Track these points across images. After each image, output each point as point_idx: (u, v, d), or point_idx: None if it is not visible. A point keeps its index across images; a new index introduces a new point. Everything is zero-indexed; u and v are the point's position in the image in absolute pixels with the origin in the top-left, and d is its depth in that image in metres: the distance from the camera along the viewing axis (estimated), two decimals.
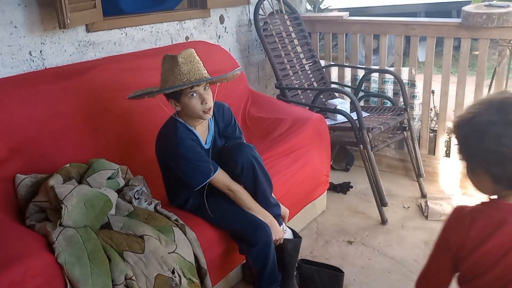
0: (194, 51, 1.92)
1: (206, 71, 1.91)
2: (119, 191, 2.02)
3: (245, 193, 2.06)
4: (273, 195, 2.17)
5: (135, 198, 2.00)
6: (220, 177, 2.01)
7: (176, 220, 1.94)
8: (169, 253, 1.77)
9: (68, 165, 1.96)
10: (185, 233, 1.89)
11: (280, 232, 2.09)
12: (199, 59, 1.92)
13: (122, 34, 2.63)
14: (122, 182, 2.07)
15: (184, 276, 1.76)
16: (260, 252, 2.00)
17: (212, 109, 1.95)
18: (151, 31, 2.80)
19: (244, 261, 2.20)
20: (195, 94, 1.89)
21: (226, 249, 2.06)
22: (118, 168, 2.05)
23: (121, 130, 2.33)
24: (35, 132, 2.02)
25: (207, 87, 1.93)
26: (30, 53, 2.22)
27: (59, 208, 1.70)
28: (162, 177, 2.12)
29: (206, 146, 2.06)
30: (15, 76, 2.14)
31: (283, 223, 2.19)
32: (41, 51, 2.26)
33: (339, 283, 2.10)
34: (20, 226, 1.74)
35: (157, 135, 2.06)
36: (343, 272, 2.11)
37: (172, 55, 1.87)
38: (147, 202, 2.02)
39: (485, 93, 3.13)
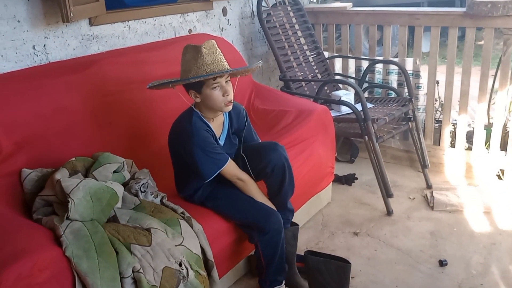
0: (216, 43, 1.90)
1: (227, 63, 1.90)
2: (125, 185, 2.02)
3: (253, 183, 2.08)
4: (290, 201, 2.19)
5: (141, 191, 2.00)
6: (230, 168, 2.01)
7: (182, 212, 1.94)
8: (176, 245, 1.77)
9: (73, 159, 1.97)
10: (191, 226, 1.90)
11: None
12: (220, 51, 1.91)
13: (125, 27, 2.62)
14: (127, 176, 2.07)
15: (191, 268, 1.77)
16: (272, 240, 2.01)
17: (232, 102, 1.95)
18: (154, 24, 2.79)
19: (251, 253, 2.21)
20: (217, 86, 1.89)
21: (233, 242, 2.07)
22: (123, 162, 2.05)
23: (126, 123, 2.33)
24: (40, 127, 2.02)
25: (228, 80, 1.93)
26: (33, 47, 2.22)
27: (65, 201, 1.69)
28: (172, 168, 2.12)
29: (221, 143, 2.06)
30: (19, 71, 2.14)
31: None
32: (44, 45, 2.26)
33: (346, 274, 2.10)
34: (27, 220, 1.74)
35: (172, 124, 2.06)
36: (350, 263, 2.11)
37: (195, 45, 1.86)
38: (153, 195, 2.02)
39: (490, 83, 3.12)
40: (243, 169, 2.08)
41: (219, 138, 2.05)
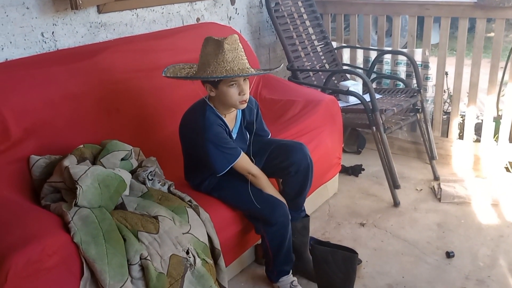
0: (238, 38, 1.86)
1: (247, 61, 1.86)
2: (132, 172, 2.03)
3: (264, 177, 2.07)
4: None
5: (149, 179, 2.01)
6: (242, 162, 2.00)
7: (189, 201, 1.94)
8: (183, 233, 1.77)
9: (82, 146, 1.97)
10: (198, 214, 1.90)
11: None
12: (242, 47, 1.86)
13: (133, 15, 2.61)
14: (135, 163, 2.07)
15: (198, 256, 1.77)
16: (278, 232, 2.01)
17: (247, 101, 1.93)
18: (162, 13, 2.77)
19: (258, 241, 2.21)
20: (234, 84, 1.86)
21: (240, 230, 2.07)
22: (131, 149, 2.05)
23: (133, 111, 2.32)
24: (49, 113, 2.02)
25: (246, 78, 1.90)
26: (42, 34, 2.21)
27: (74, 188, 1.70)
28: (182, 156, 2.11)
29: (233, 136, 2.05)
30: (28, 58, 2.14)
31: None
32: (53, 32, 2.25)
33: (353, 264, 2.10)
34: (35, 206, 1.75)
35: (184, 116, 2.04)
36: (357, 253, 2.11)
37: (218, 39, 1.81)
38: (160, 183, 2.02)
39: (499, 75, 3.09)
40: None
41: (231, 131, 2.04)
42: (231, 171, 2.01)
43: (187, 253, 1.73)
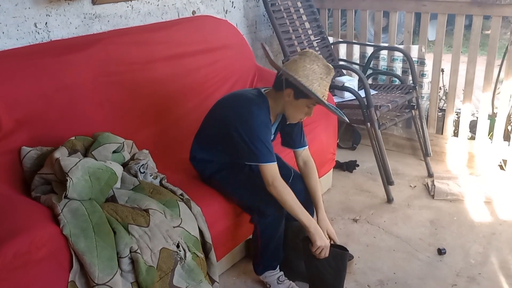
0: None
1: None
2: (125, 165, 2.02)
3: (290, 193, 1.93)
4: None
5: (141, 172, 2.00)
6: (271, 169, 1.91)
7: (181, 194, 1.94)
8: (174, 227, 1.77)
9: (73, 138, 1.95)
10: (190, 208, 1.89)
11: (325, 240, 1.97)
12: None
13: (128, 7, 2.59)
14: (127, 156, 2.06)
15: (189, 250, 1.77)
16: (271, 223, 2.00)
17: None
18: (158, 5, 2.75)
19: (250, 236, 2.20)
20: (312, 107, 1.92)
21: (232, 225, 2.07)
22: (123, 142, 2.04)
23: (127, 104, 2.31)
24: (41, 105, 2.00)
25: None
26: (35, 25, 2.19)
27: (64, 180, 1.69)
28: (200, 132, 2.11)
29: (272, 132, 2.05)
30: (21, 48, 2.12)
31: None
32: (46, 23, 2.23)
33: (343, 260, 2.09)
34: (25, 198, 1.74)
35: (235, 96, 2.02)
36: (348, 251, 2.10)
37: (328, 64, 1.86)
38: (152, 176, 2.01)
39: (495, 72, 3.08)
40: None
41: (271, 127, 2.03)
42: (236, 163, 2.02)
43: (178, 246, 1.73)
